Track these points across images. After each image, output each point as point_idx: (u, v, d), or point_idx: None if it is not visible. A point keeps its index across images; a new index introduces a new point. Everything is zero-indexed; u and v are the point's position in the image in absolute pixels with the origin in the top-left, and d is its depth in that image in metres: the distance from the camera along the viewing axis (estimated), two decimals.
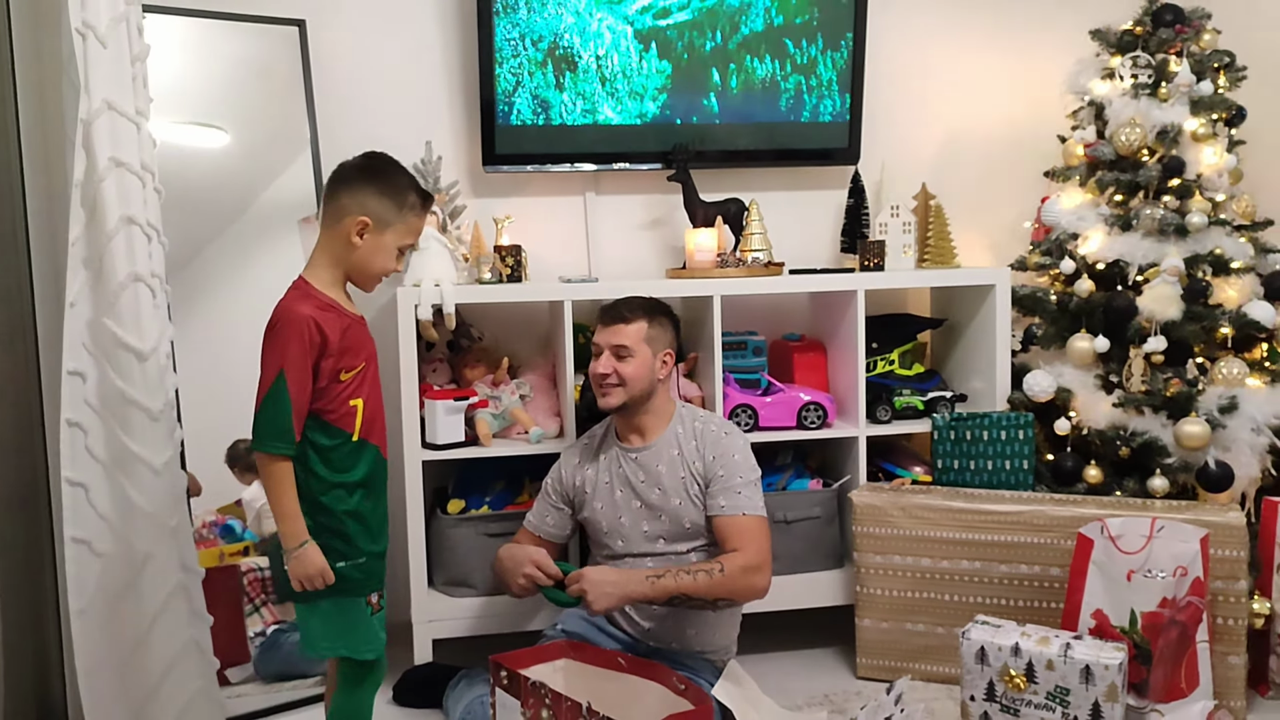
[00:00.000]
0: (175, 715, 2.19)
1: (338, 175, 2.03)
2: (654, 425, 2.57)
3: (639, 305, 2.55)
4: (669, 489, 2.51)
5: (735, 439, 2.54)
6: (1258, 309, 2.86)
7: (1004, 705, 2.30)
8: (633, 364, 2.49)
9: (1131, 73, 3.03)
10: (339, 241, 2.01)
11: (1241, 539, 2.51)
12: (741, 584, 2.39)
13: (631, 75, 3.15)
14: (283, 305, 1.96)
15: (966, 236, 3.34)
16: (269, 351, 1.93)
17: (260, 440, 1.92)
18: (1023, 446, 2.88)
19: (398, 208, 2.03)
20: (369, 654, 2.05)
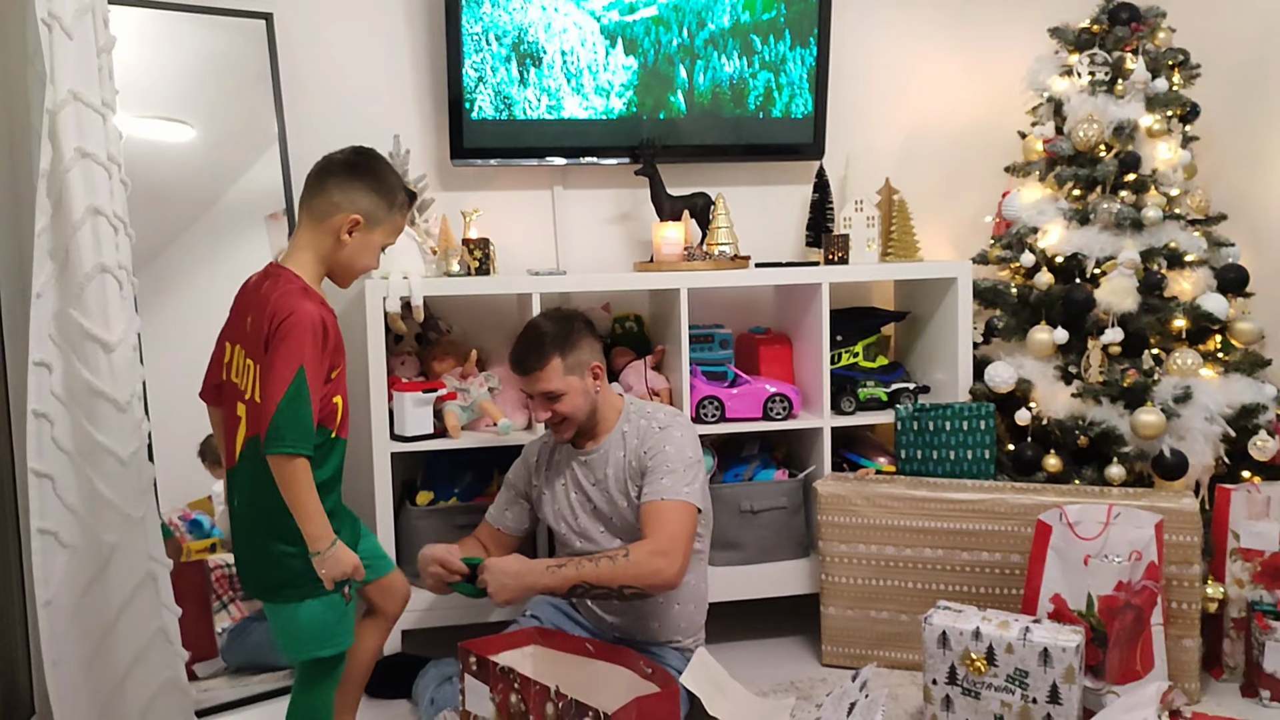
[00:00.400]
0: (143, 706, 2.19)
1: (327, 170, 2.00)
2: (603, 428, 2.54)
3: (546, 343, 2.43)
4: (615, 491, 2.50)
5: (671, 431, 2.48)
6: (1211, 301, 2.93)
7: (965, 688, 2.35)
8: (567, 400, 2.44)
9: (1089, 70, 3.09)
10: (326, 237, 1.98)
11: (1195, 525, 2.57)
12: (646, 570, 2.27)
13: (597, 71, 3.17)
14: (290, 303, 1.90)
15: (929, 231, 3.39)
16: (284, 350, 1.87)
17: (282, 441, 1.85)
18: (984, 436, 2.93)
19: (388, 206, 2.02)
20: (345, 645, 2.05)
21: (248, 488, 1.99)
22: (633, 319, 3.24)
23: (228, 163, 2.95)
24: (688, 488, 2.39)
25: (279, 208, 2.96)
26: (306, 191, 2.01)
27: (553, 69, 3.14)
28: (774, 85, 3.29)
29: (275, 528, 1.95)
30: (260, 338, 1.92)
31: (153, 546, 2.23)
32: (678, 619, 2.53)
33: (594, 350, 2.50)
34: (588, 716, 1.79)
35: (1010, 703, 2.30)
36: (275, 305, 1.91)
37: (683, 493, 2.38)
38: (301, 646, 2.01)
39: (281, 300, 1.91)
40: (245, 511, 2.01)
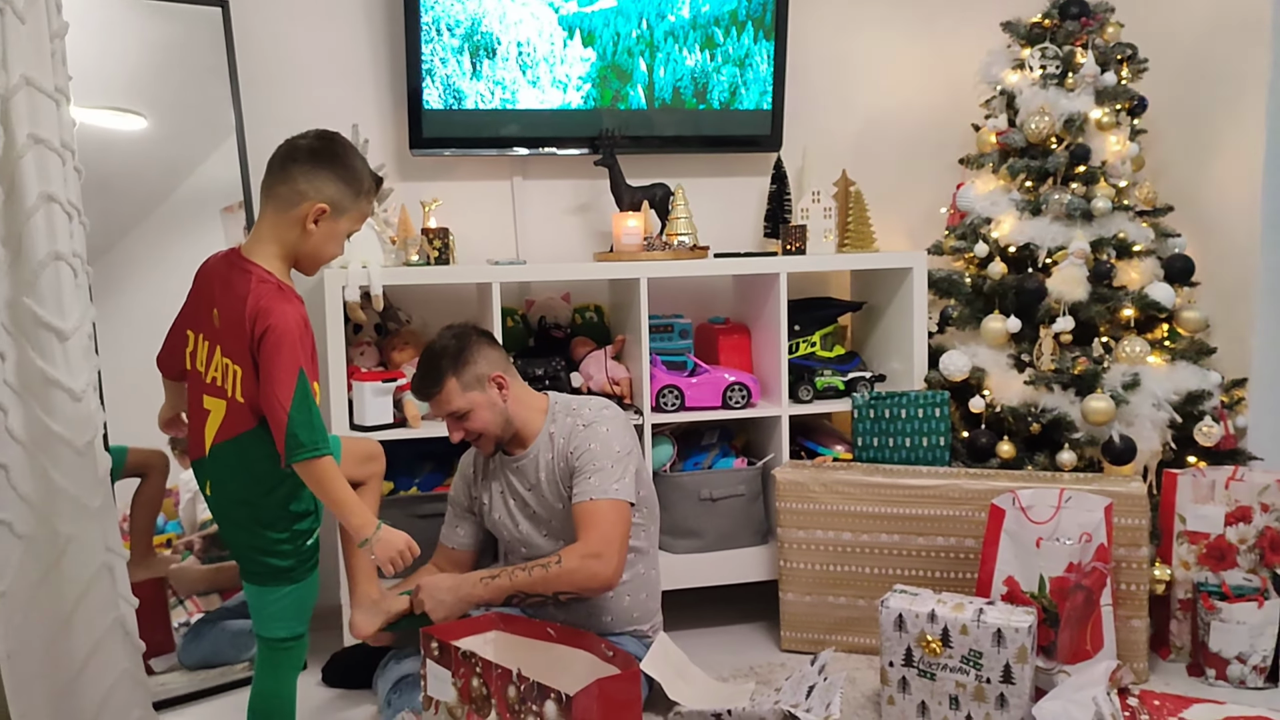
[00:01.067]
0: (101, 697, 2.17)
1: (291, 156, 1.94)
2: (528, 432, 2.51)
3: (437, 367, 2.42)
4: (549, 495, 2.49)
5: (596, 427, 2.45)
6: (1158, 290, 2.99)
7: (921, 670, 2.39)
8: (473, 417, 2.43)
9: (1040, 64, 3.15)
10: (292, 227, 1.93)
11: (1143, 508, 2.63)
12: (581, 575, 2.28)
13: (554, 64, 3.18)
14: (273, 307, 1.87)
15: (885, 222, 3.43)
16: (281, 360, 1.84)
17: (304, 447, 1.85)
18: (939, 424, 2.97)
19: (355, 194, 1.97)
20: (305, 627, 2.07)
21: (224, 481, 1.99)
22: (593, 309, 3.26)
23: (183, 154, 2.91)
24: (617, 484, 2.38)
25: (235, 200, 2.93)
26: (269, 178, 1.95)
27: (507, 60, 3.14)
28: (732, 78, 3.31)
29: (259, 517, 1.96)
30: (242, 340, 1.89)
31: (109, 537, 2.21)
32: (630, 609, 2.55)
33: (491, 361, 2.47)
34: (550, 698, 1.81)
35: (965, 683, 2.34)
36: (256, 309, 1.87)
37: (612, 490, 2.37)
38: (274, 623, 2.02)
39: (262, 304, 1.87)
40: (226, 505, 2.02)
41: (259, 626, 2.07)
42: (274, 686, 2.09)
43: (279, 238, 1.95)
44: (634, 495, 2.42)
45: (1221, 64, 3.19)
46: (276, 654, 2.07)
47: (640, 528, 2.53)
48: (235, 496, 1.99)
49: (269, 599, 2.02)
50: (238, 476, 1.96)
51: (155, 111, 2.85)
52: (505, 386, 2.47)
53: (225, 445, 1.96)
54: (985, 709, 2.33)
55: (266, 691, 2.09)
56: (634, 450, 2.49)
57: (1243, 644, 2.60)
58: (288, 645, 2.06)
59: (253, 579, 2.03)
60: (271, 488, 1.96)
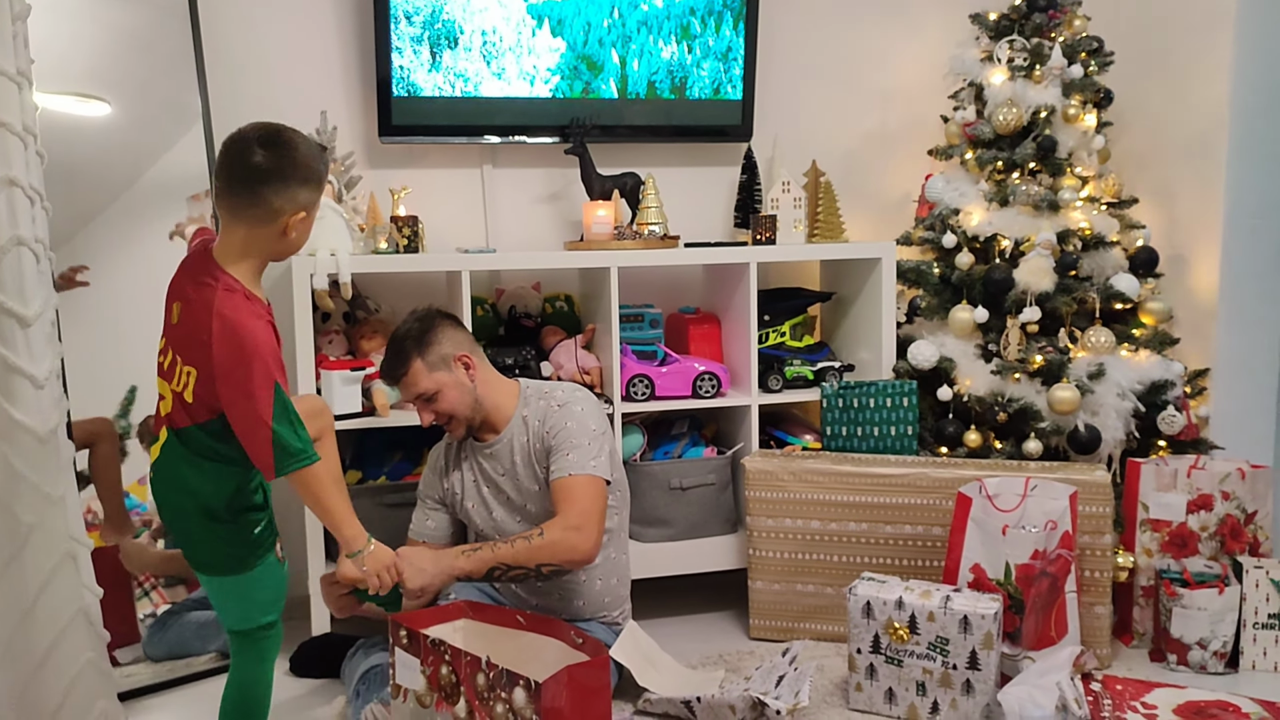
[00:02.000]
0: (65, 687, 2.15)
1: (256, 176, 1.85)
2: (500, 416, 2.51)
3: (403, 349, 2.42)
4: (524, 478, 2.49)
5: (571, 407, 2.47)
6: (1123, 281, 3.03)
7: (888, 656, 2.41)
8: (442, 398, 2.43)
9: (1008, 56, 3.17)
10: (271, 239, 1.90)
11: (1107, 496, 2.66)
12: (562, 547, 2.30)
13: (521, 53, 3.16)
14: (237, 319, 1.84)
15: (854, 212, 3.45)
16: (251, 373, 1.82)
17: (293, 458, 1.84)
18: (907, 413, 2.99)
19: (318, 184, 1.96)
20: (279, 611, 2.05)
21: (170, 473, 1.97)
22: (563, 298, 3.25)
23: (148, 141, 2.88)
24: (594, 460, 2.40)
25: (202, 188, 2.90)
26: (235, 199, 1.88)
27: (470, 51, 3.12)
28: (704, 68, 3.32)
29: (203, 508, 1.94)
30: (200, 347, 1.85)
31: (73, 526, 2.18)
32: (601, 594, 2.55)
33: (456, 341, 2.47)
34: (519, 685, 1.81)
35: (932, 669, 2.36)
36: (218, 317, 1.84)
37: (589, 466, 2.39)
38: (246, 614, 2.01)
39: (225, 312, 1.84)
40: (169, 495, 1.99)
41: (226, 620, 2.05)
42: (247, 678, 2.06)
43: (258, 252, 1.92)
44: (609, 474, 2.43)
45: (1185, 57, 3.22)
46: (246, 644, 2.05)
47: (613, 510, 2.53)
48: (177, 485, 1.96)
49: (225, 592, 2.01)
50: (181, 467, 1.94)
51: (120, 98, 2.82)
52: (472, 367, 2.47)
53: (172, 437, 1.94)
54: (951, 695, 2.35)
55: (239, 683, 2.06)
56: (607, 431, 2.51)
57: (1203, 630, 2.64)
58: (259, 635, 2.04)
59: (202, 569, 2.00)
60: (213, 477, 1.93)
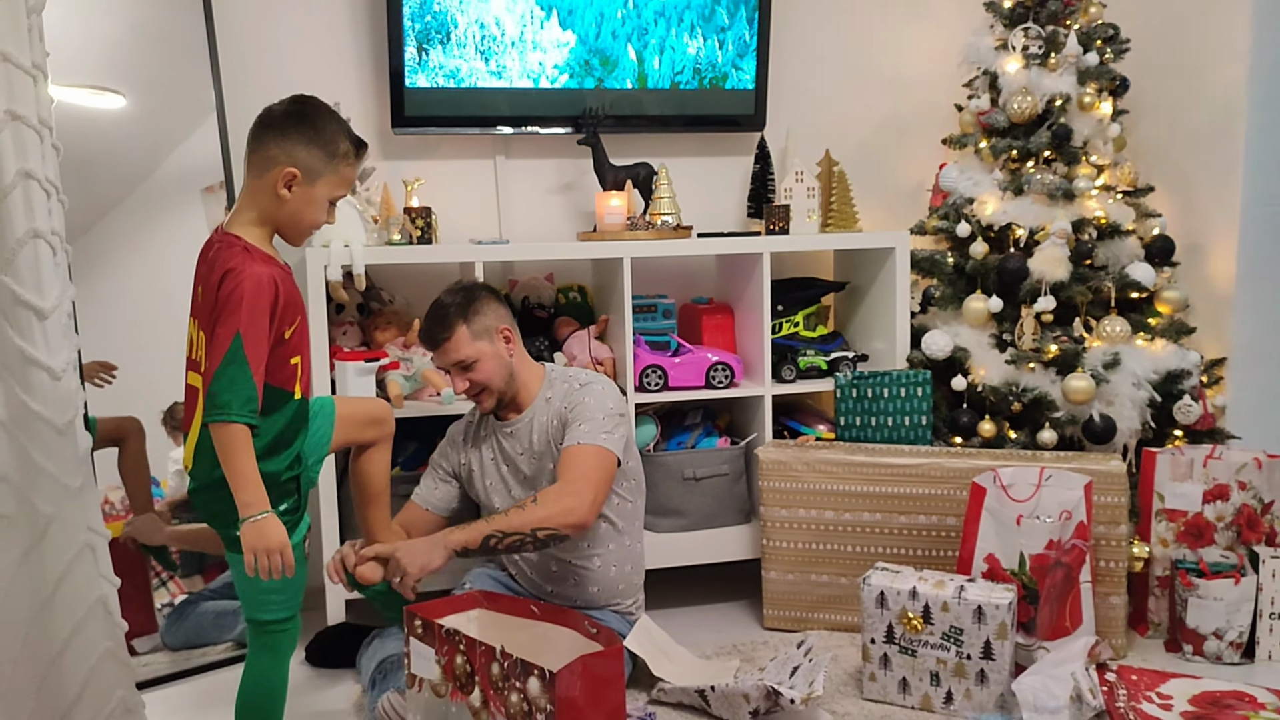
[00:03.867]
0: (83, 676, 2.16)
1: (264, 121, 1.94)
2: (526, 396, 2.53)
3: (450, 313, 2.43)
4: (543, 457, 2.50)
5: (592, 386, 2.49)
6: (1139, 271, 3.01)
7: (902, 646, 2.41)
8: (481, 367, 2.43)
9: (1023, 44, 3.15)
10: (266, 194, 1.93)
11: (1123, 486, 2.65)
12: (556, 509, 2.27)
13: (524, 48, 3.14)
14: (229, 265, 1.85)
15: (868, 202, 3.44)
16: (223, 315, 1.82)
17: (222, 409, 1.80)
18: (921, 403, 2.99)
19: (328, 157, 1.95)
20: (295, 608, 2.05)
21: (205, 456, 1.96)
22: (576, 289, 3.25)
23: (162, 134, 2.89)
24: (605, 434, 2.40)
25: (216, 180, 2.91)
26: (247, 146, 1.96)
27: (472, 44, 3.11)
28: (716, 58, 3.31)
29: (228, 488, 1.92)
30: (208, 306, 1.89)
31: (90, 517, 2.19)
32: (615, 581, 2.56)
33: (499, 314, 2.49)
34: (533, 675, 1.82)
35: (945, 659, 2.36)
36: (217, 270, 1.87)
37: (599, 439, 2.38)
38: (263, 600, 2.01)
39: (225, 264, 1.86)
40: (202, 477, 2.00)
41: (247, 608, 2.06)
42: (263, 671, 2.07)
43: (256, 206, 1.94)
44: (621, 451, 2.43)
45: (1201, 43, 3.20)
46: (258, 636, 2.06)
47: (627, 501, 2.54)
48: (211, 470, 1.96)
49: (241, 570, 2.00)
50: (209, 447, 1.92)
51: (135, 90, 2.83)
52: (511, 340, 2.49)
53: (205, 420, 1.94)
54: (965, 685, 2.35)
55: (252, 675, 2.07)
56: (626, 415, 2.52)
57: (1219, 620, 2.63)
58: (273, 629, 2.05)
59: (232, 545, 2.00)
60: None
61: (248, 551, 1.85)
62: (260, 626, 2.05)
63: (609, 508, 2.51)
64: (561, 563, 2.52)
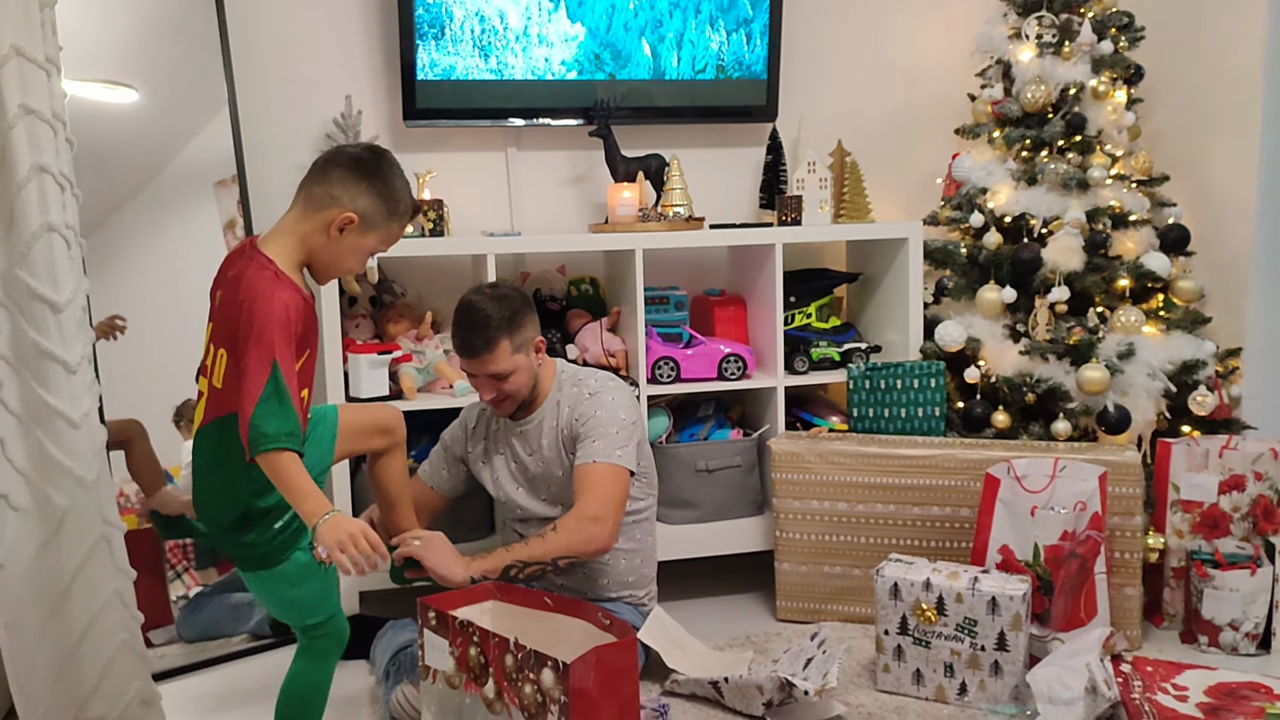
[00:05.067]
0: (100, 668, 2.18)
1: (334, 160, 1.92)
2: (539, 398, 2.53)
3: (493, 324, 2.36)
4: (551, 462, 2.50)
5: (602, 396, 2.46)
6: (1154, 260, 3.00)
7: (916, 638, 2.40)
8: (514, 379, 2.41)
9: (1037, 32, 3.13)
10: (315, 229, 1.90)
11: (1137, 477, 2.64)
12: (578, 537, 2.30)
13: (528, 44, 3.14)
14: (257, 289, 1.82)
15: (880, 192, 3.42)
16: (255, 342, 1.79)
17: (271, 440, 1.77)
18: (934, 394, 2.98)
19: (389, 213, 1.94)
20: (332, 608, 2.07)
21: (204, 465, 1.97)
22: (588, 281, 3.25)
23: (175, 127, 2.90)
24: (620, 450, 2.39)
25: (229, 174, 2.92)
26: (308, 177, 1.93)
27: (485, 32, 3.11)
28: (728, 48, 3.30)
29: (226, 508, 1.95)
30: (229, 323, 1.87)
31: (106, 509, 2.21)
32: (625, 573, 2.56)
33: (536, 325, 2.48)
34: (547, 666, 1.82)
35: (960, 650, 2.36)
36: (243, 291, 1.84)
37: (615, 456, 2.38)
38: (287, 612, 2.03)
39: (249, 286, 1.84)
40: (203, 489, 2.00)
41: (288, 620, 2.08)
42: (303, 671, 2.08)
43: (299, 234, 1.92)
44: (635, 465, 2.43)
45: (1217, 31, 3.18)
46: (305, 640, 2.08)
47: (638, 499, 2.54)
48: (210, 479, 1.97)
49: (261, 587, 2.02)
50: (213, 460, 1.94)
51: (148, 84, 2.84)
52: (540, 351, 2.49)
53: (206, 428, 1.95)
54: (980, 676, 2.35)
55: (294, 676, 2.08)
56: (639, 421, 2.51)
57: (1235, 611, 2.62)
58: (314, 634, 2.06)
59: (239, 564, 2.02)
60: (236, 475, 1.91)
61: (333, 550, 1.79)
62: (304, 632, 2.07)
63: None
64: (563, 571, 2.51)
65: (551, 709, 1.82)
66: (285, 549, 1.98)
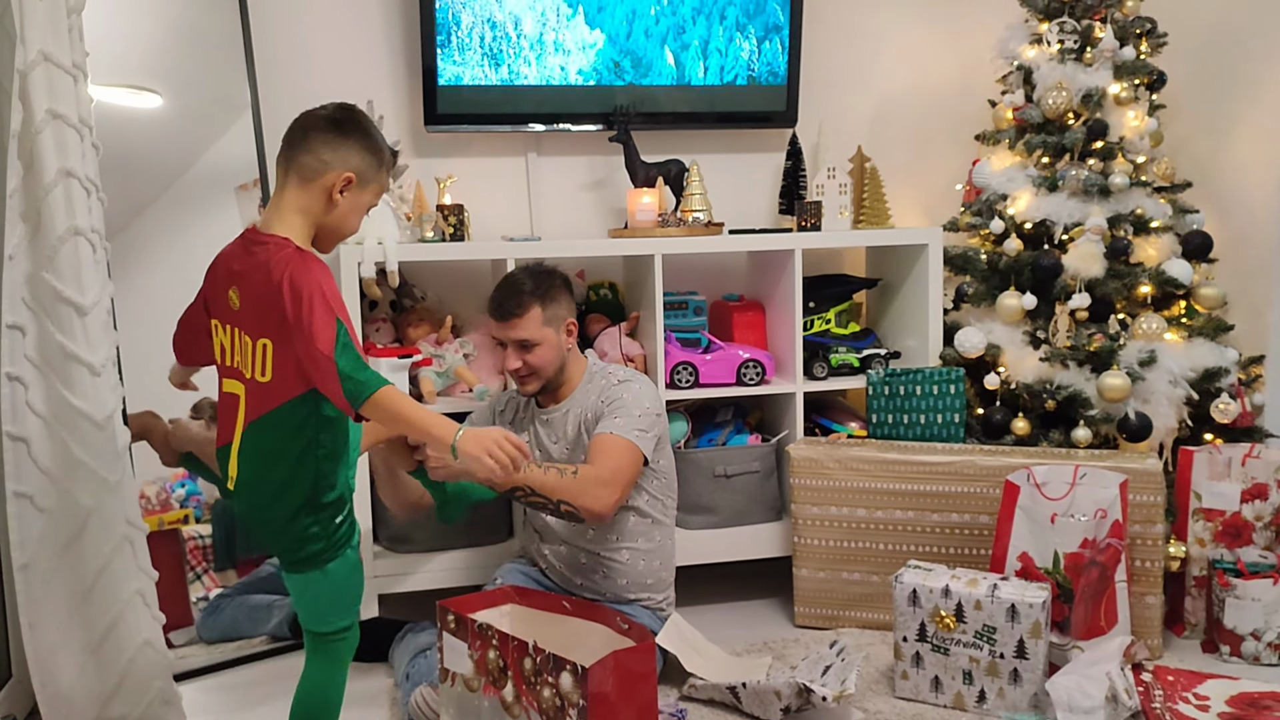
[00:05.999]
0: (122, 668, 2.19)
1: (311, 126, 1.92)
2: (567, 388, 2.57)
3: (528, 290, 2.45)
4: (576, 449, 2.52)
5: (630, 384, 2.51)
6: (1176, 267, 2.98)
7: (935, 645, 2.40)
8: (540, 351, 2.46)
9: (1058, 38, 3.12)
10: (316, 198, 1.91)
11: (1159, 485, 2.62)
12: (587, 494, 2.31)
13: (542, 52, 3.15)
14: (292, 264, 1.82)
15: (900, 198, 3.42)
16: (313, 312, 1.78)
17: (365, 385, 1.77)
18: (954, 400, 2.97)
19: (378, 165, 1.96)
20: (356, 614, 2.05)
21: (254, 466, 1.96)
22: (607, 286, 3.26)
23: (198, 132, 2.92)
24: (639, 431, 2.42)
25: (250, 178, 2.94)
26: (289, 149, 1.93)
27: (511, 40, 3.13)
28: (748, 54, 3.30)
29: (287, 502, 1.93)
30: (269, 312, 1.85)
31: (129, 510, 2.22)
32: (644, 575, 2.56)
33: (570, 307, 2.54)
34: (566, 670, 1.82)
35: (978, 658, 2.35)
36: (282, 272, 1.83)
37: (633, 434, 2.41)
38: (321, 615, 2.01)
39: (288, 266, 1.83)
40: (253, 491, 1.98)
41: (304, 620, 2.05)
42: (322, 678, 2.06)
43: (302, 209, 1.92)
44: (651, 453, 2.45)
45: (1241, 37, 3.16)
46: (323, 646, 2.05)
47: (657, 499, 2.55)
48: (263, 478, 1.96)
49: (307, 588, 2.00)
50: (265, 456, 1.93)
51: (171, 89, 2.86)
52: (572, 335, 2.53)
53: (254, 426, 1.93)
54: (999, 684, 2.34)
55: (312, 683, 2.06)
56: (662, 415, 2.53)
57: (1257, 620, 2.60)
58: (334, 639, 2.04)
59: (290, 567, 2.00)
60: (298, 466, 1.91)
61: (479, 460, 1.85)
62: (322, 637, 2.03)
63: (639, 501, 2.53)
64: (590, 555, 2.53)
65: (570, 713, 1.83)
66: (342, 545, 1.97)
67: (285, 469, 1.91)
